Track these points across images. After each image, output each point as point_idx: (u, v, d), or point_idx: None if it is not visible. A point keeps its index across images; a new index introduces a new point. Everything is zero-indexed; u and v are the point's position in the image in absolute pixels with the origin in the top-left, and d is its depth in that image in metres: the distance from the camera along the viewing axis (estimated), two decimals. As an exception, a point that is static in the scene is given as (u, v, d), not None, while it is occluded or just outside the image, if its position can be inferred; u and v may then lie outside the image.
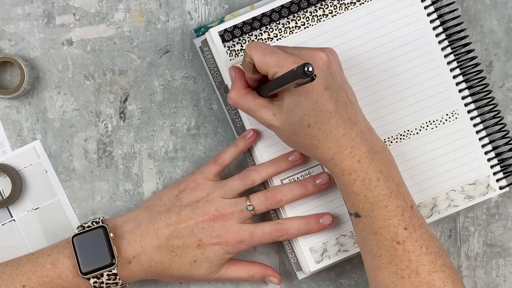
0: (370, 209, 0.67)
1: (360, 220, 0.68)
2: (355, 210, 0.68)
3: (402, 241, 0.66)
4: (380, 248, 0.67)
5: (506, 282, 0.82)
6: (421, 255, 0.66)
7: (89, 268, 0.70)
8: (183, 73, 0.80)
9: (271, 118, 0.68)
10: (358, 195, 0.67)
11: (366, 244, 0.68)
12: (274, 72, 0.65)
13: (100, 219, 0.73)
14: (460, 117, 0.77)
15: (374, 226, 0.67)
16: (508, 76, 0.81)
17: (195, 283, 0.80)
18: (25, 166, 0.79)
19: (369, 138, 0.68)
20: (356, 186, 0.67)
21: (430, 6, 0.77)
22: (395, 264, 0.66)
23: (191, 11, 0.80)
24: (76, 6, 0.79)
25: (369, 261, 0.68)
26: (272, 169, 0.75)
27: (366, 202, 0.67)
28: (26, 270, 0.71)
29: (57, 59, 0.80)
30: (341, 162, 0.67)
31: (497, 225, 0.82)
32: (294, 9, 0.76)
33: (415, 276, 0.66)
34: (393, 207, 0.67)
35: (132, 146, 0.80)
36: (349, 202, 0.69)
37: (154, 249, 0.72)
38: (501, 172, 0.78)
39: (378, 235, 0.67)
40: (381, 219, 0.67)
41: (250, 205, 0.74)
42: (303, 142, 0.68)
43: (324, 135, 0.66)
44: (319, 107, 0.65)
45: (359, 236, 0.69)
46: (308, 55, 0.66)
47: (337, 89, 0.66)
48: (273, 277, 0.78)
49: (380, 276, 0.67)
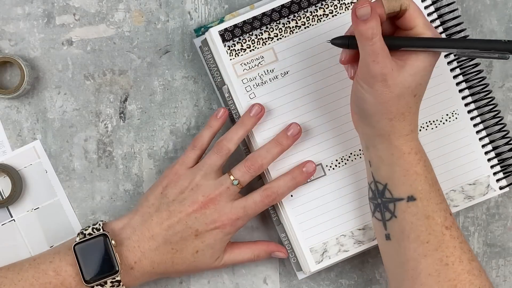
0: (428, 191, 0.67)
1: (413, 204, 0.67)
2: (411, 192, 0.67)
3: (449, 227, 0.67)
4: (429, 234, 0.66)
5: (506, 282, 0.82)
6: (463, 243, 0.67)
7: (92, 276, 0.70)
8: (183, 73, 0.80)
9: (389, 72, 0.63)
10: (420, 176, 0.67)
11: (413, 230, 0.67)
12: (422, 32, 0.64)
13: (100, 226, 0.72)
14: (460, 117, 0.77)
15: (428, 209, 0.67)
16: (508, 76, 0.81)
17: (196, 283, 0.80)
18: (25, 166, 0.79)
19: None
20: (420, 167, 0.67)
21: (430, 6, 0.77)
22: (441, 251, 0.66)
23: (191, 11, 0.80)
24: (76, 6, 0.79)
25: (412, 250, 0.67)
26: (240, 131, 0.74)
27: (426, 183, 0.67)
28: (29, 276, 0.71)
29: (57, 59, 0.80)
30: (412, 140, 0.67)
31: (497, 225, 0.82)
32: (295, 8, 0.76)
33: (458, 264, 0.66)
34: (442, 192, 0.68)
35: (132, 146, 0.80)
36: (406, 185, 0.67)
37: (153, 251, 0.72)
38: (501, 172, 0.78)
39: (430, 220, 0.67)
40: (435, 202, 0.67)
41: (234, 179, 0.73)
42: (398, 109, 0.66)
43: (416, 109, 0.67)
44: (426, 83, 0.66)
45: (405, 222, 0.67)
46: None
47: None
48: (279, 252, 0.78)
49: (423, 264, 0.66)
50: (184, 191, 0.73)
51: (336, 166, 0.76)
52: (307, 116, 0.76)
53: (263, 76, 0.76)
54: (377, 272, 0.81)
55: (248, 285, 0.81)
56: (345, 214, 0.76)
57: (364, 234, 0.76)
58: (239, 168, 0.74)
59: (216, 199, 0.73)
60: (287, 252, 0.78)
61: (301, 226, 0.76)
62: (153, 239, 0.72)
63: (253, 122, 0.75)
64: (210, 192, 0.73)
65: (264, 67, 0.76)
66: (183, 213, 0.72)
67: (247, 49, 0.76)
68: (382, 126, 0.67)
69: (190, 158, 0.75)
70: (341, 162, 0.77)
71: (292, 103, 0.76)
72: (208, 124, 0.76)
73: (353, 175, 0.76)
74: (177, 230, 0.72)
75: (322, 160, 0.76)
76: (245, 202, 0.74)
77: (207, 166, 0.74)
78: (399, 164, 0.67)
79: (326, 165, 0.76)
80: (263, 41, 0.76)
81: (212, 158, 0.74)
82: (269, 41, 0.76)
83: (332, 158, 0.76)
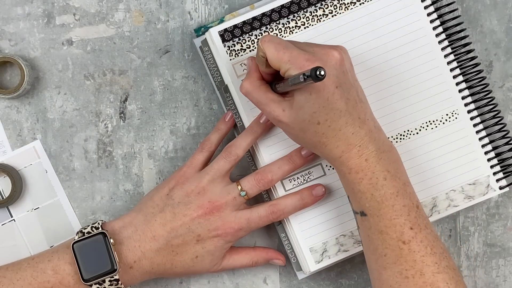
0: (376, 208, 0.67)
1: (365, 219, 0.68)
2: (361, 209, 0.68)
3: (407, 241, 0.66)
4: (385, 248, 0.67)
5: (506, 282, 0.82)
6: (426, 256, 0.66)
7: (90, 275, 0.70)
8: (183, 73, 0.80)
9: (280, 113, 0.68)
10: (365, 194, 0.67)
11: (371, 243, 0.68)
12: (287, 69, 0.65)
13: (99, 224, 0.72)
14: (460, 117, 0.77)
15: (380, 225, 0.67)
16: (508, 76, 0.81)
17: (195, 283, 0.80)
18: (25, 166, 0.79)
19: (377, 137, 0.68)
20: (363, 185, 0.67)
21: (430, 6, 0.77)
22: (399, 264, 0.66)
23: (191, 11, 0.80)
24: (76, 6, 0.79)
25: (374, 260, 0.68)
26: (249, 137, 0.74)
27: (372, 201, 0.67)
28: (27, 275, 0.71)
29: (57, 59, 0.80)
30: (349, 161, 0.67)
31: (497, 225, 0.82)
32: (294, 9, 0.76)
33: (419, 277, 0.66)
34: (399, 207, 0.67)
35: (132, 146, 0.80)
36: (355, 201, 0.68)
37: (154, 252, 0.72)
38: (501, 172, 0.78)
39: (384, 234, 0.67)
40: (388, 218, 0.67)
41: (242, 190, 0.73)
42: (312, 139, 0.67)
43: (333, 133, 0.66)
44: (330, 105, 0.65)
45: (364, 235, 0.69)
46: (321, 53, 0.66)
47: (348, 87, 0.66)
48: (277, 259, 0.78)
49: (384, 276, 0.67)
50: (190, 194, 0.73)
51: (336, 166, 0.76)
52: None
53: (263, 76, 0.76)
54: (377, 272, 0.81)
55: (248, 285, 0.81)
56: (345, 214, 0.76)
57: (364, 234, 0.76)
58: (249, 180, 0.74)
59: (221, 207, 0.73)
60: (285, 261, 0.78)
61: (301, 225, 0.76)
62: (155, 240, 0.72)
63: (262, 129, 0.75)
64: (217, 199, 0.73)
65: (264, 67, 0.76)
66: (188, 217, 0.72)
67: (247, 49, 0.76)
68: (317, 153, 0.70)
69: (199, 160, 0.75)
70: (341, 162, 0.77)
71: (292, 103, 0.76)
72: (216, 127, 0.76)
73: (353, 175, 0.76)
74: (179, 233, 0.72)
75: (321, 159, 0.76)
76: (249, 214, 0.74)
77: (215, 170, 0.74)
78: (345, 182, 0.69)
79: (326, 165, 0.76)
80: (267, 40, 0.76)
81: (220, 163, 0.74)
82: (269, 41, 0.76)
83: (332, 158, 0.76)
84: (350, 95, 0.66)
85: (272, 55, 0.66)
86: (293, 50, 0.65)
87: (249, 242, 0.81)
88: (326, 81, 0.64)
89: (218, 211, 0.73)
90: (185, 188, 0.73)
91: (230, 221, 0.73)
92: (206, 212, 0.73)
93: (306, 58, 0.64)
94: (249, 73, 0.71)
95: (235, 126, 0.77)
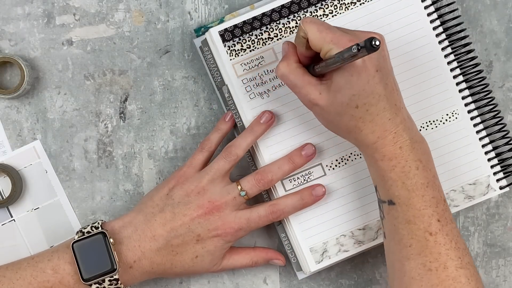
0: (406, 197, 0.66)
1: (393, 208, 0.67)
2: (389, 197, 0.67)
3: (434, 233, 0.66)
4: (411, 238, 0.66)
5: (506, 282, 0.82)
6: (450, 250, 0.66)
7: (90, 275, 0.70)
8: (183, 73, 0.80)
9: (317, 96, 0.67)
10: (396, 182, 0.67)
11: (396, 233, 0.67)
12: (329, 49, 0.64)
13: (99, 224, 0.72)
14: (460, 117, 0.77)
15: (408, 214, 0.66)
16: (508, 76, 0.81)
17: (195, 283, 0.80)
18: (25, 166, 0.79)
19: (410, 127, 0.68)
20: (395, 173, 0.66)
21: (430, 6, 0.77)
22: (424, 256, 0.66)
23: (191, 11, 0.80)
24: (76, 6, 0.79)
25: (397, 251, 0.68)
26: (249, 137, 0.74)
27: (403, 189, 0.66)
28: (27, 274, 0.71)
29: (57, 59, 0.80)
30: (383, 147, 0.66)
31: (497, 225, 0.82)
32: (295, 9, 0.76)
33: (442, 270, 0.66)
34: (429, 198, 0.66)
35: (132, 146, 0.80)
36: (384, 189, 0.68)
37: (154, 252, 0.72)
38: (501, 172, 0.78)
39: (411, 224, 0.66)
40: (417, 208, 0.66)
41: (242, 190, 0.73)
42: (347, 124, 0.67)
43: (370, 117, 0.66)
44: (370, 88, 0.65)
45: (389, 224, 0.68)
46: (362, 36, 0.66)
47: (387, 73, 0.66)
48: (277, 260, 0.78)
49: (407, 267, 0.67)
50: (190, 194, 0.73)
51: (336, 166, 0.76)
52: (308, 115, 0.76)
53: (263, 76, 0.76)
54: (377, 272, 0.81)
55: (248, 285, 0.81)
56: (345, 214, 0.76)
57: (364, 234, 0.76)
58: (249, 180, 0.74)
59: (221, 207, 0.73)
60: (285, 261, 0.78)
61: (301, 226, 0.76)
62: (155, 240, 0.72)
63: (262, 129, 0.75)
64: (216, 198, 0.73)
65: (264, 67, 0.76)
66: (187, 216, 0.72)
67: (247, 49, 0.76)
68: (348, 139, 0.69)
69: (199, 160, 0.75)
70: (341, 162, 0.77)
71: (292, 103, 0.76)
72: (216, 127, 0.76)
73: (353, 175, 0.76)
74: (179, 233, 0.72)
75: (322, 160, 0.76)
76: (249, 214, 0.74)
77: (215, 170, 0.74)
78: (376, 169, 0.68)
79: (326, 165, 0.76)
80: (263, 41, 0.76)
81: (220, 163, 0.74)
82: (269, 41, 0.76)
83: (332, 158, 0.76)
84: (388, 80, 0.66)
85: (314, 35, 0.65)
86: (336, 31, 0.65)
87: (249, 242, 0.81)
88: (368, 63, 0.64)
89: (218, 211, 0.73)
90: (185, 188, 0.73)
91: (230, 221, 0.73)
92: (206, 212, 0.73)
93: (349, 39, 0.64)
94: (285, 56, 0.70)
95: (235, 126, 0.77)
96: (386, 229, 0.69)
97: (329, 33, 0.65)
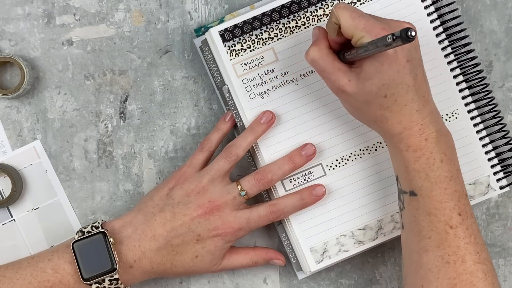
0: (429, 189, 0.66)
1: (415, 199, 0.67)
2: (411, 188, 0.67)
3: (455, 226, 0.66)
4: (431, 230, 0.66)
5: (506, 282, 0.82)
6: (469, 244, 0.66)
7: (90, 274, 0.70)
8: (183, 73, 0.80)
9: (346, 83, 0.67)
10: (419, 173, 0.67)
11: (416, 224, 0.67)
12: (361, 36, 0.64)
13: (99, 224, 0.72)
14: (460, 117, 0.77)
15: (429, 206, 0.66)
16: (508, 76, 0.82)
17: (195, 283, 0.80)
18: (25, 166, 0.79)
19: (437, 120, 0.68)
20: (419, 164, 0.67)
21: (430, 6, 0.77)
22: (443, 248, 0.66)
23: (191, 11, 0.80)
24: (76, 6, 0.80)
25: (416, 242, 0.68)
26: (249, 137, 0.74)
27: (426, 181, 0.67)
28: (27, 274, 0.71)
29: (57, 59, 0.80)
30: (409, 138, 0.67)
31: (497, 225, 0.82)
32: (295, 8, 0.76)
33: (460, 264, 0.66)
34: (451, 191, 0.67)
35: (132, 146, 0.80)
36: (406, 180, 0.68)
37: (154, 252, 0.72)
38: (501, 172, 0.78)
39: (432, 216, 0.66)
40: (438, 200, 0.66)
41: (242, 190, 0.73)
42: (375, 113, 0.67)
43: (398, 108, 0.66)
44: (399, 79, 0.65)
45: (409, 215, 0.68)
46: (395, 25, 0.65)
47: (417, 64, 0.66)
48: (277, 260, 0.78)
49: (425, 259, 0.67)
50: (190, 194, 0.73)
51: (336, 166, 0.76)
52: (308, 116, 0.76)
53: (263, 76, 0.76)
54: (377, 272, 0.81)
55: (248, 285, 0.81)
56: (345, 214, 0.76)
57: (365, 234, 0.76)
58: (249, 179, 0.74)
59: (221, 207, 0.73)
60: (285, 261, 0.78)
61: (301, 226, 0.76)
62: (155, 240, 0.72)
63: (263, 129, 0.75)
64: (216, 198, 0.73)
65: (264, 67, 0.76)
66: (187, 216, 0.72)
67: (247, 49, 0.76)
68: (374, 128, 0.69)
69: (199, 160, 0.75)
70: (341, 162, 0.77)
71: (292, 103, 0.76)
72: (216, 127, 0.76)
73: (353, 175, 0.76)
74: (179, 233, 0.72)
75: (322, 160, 0.76)
76: (249, 214, 0.74)
77: (215, 170, 0.74)
78: (399, 160, 0.68)
79: (326, 165, 0.76)
80: (263, 41, 0.76)
81: (220, 163, 0.74)
82: (269, 41, 0.76)
83: (332, 158, 0.76)
84: (418, 71, 0.66)
85: (347, 22, 0.65)
86: (369, 19, 0.64)
87: (249, 242, 0.81)
88: (399, 53, 0.64)
89: (218, 210, 0.73)
90: (185, 187, 0.73)
91: (230, 220, 0.73)
92: (206, 211, 0.73)
93: (382, 27, 0.64)
94: (316, 41, 0.69)
95: (235, 126, 0.77)
96: (405, 220, 0.69)
97: (362, 20, 0.64)
